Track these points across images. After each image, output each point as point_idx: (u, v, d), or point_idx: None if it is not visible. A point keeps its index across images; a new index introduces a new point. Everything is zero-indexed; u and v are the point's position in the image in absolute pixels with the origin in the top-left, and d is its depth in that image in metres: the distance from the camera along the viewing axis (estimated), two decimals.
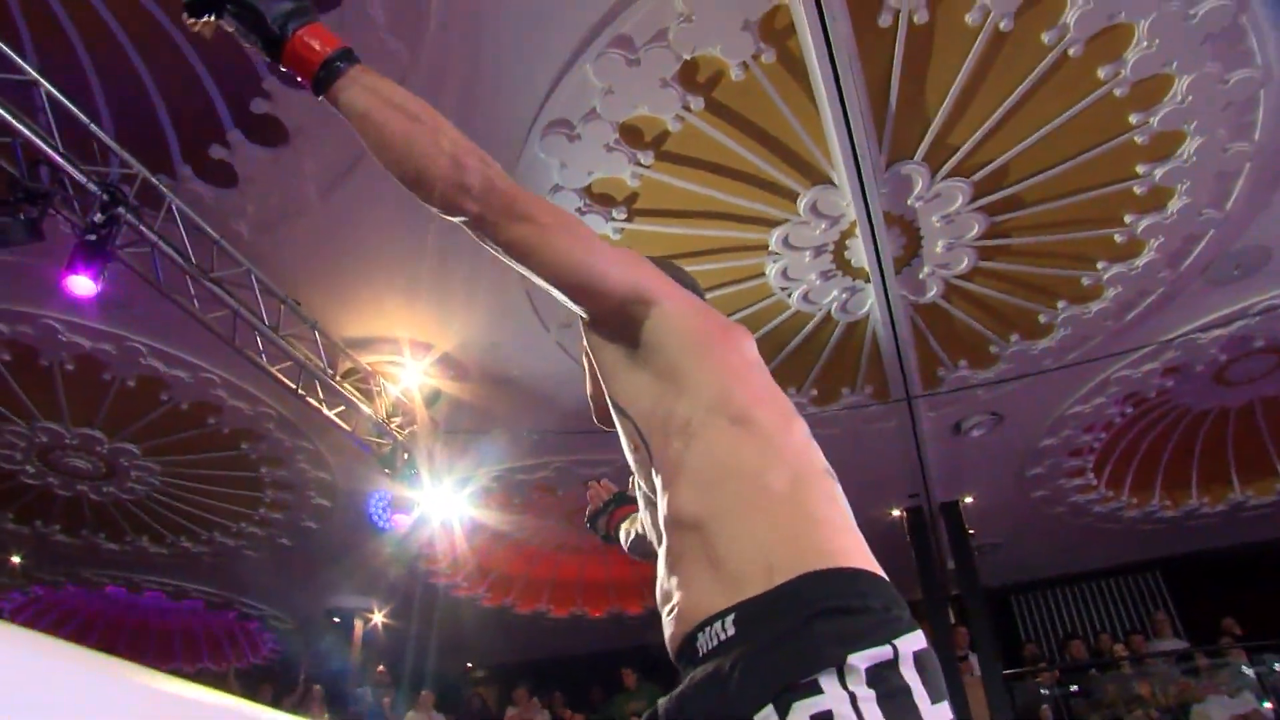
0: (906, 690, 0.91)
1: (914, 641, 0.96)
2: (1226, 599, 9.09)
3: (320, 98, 1.20)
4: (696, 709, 1.02)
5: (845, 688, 0.89)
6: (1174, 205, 5.10)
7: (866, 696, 0.89)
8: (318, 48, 1.18)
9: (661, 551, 1.21)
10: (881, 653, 0.93)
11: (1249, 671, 7.76)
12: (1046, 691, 8.64)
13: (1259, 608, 8.78)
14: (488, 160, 1.18)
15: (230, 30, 1.20)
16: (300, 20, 1.19)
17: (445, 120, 1.19)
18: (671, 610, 1.14)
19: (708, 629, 1.05)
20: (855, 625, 0.95)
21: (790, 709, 0.89)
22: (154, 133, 4.30)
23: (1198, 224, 5.24)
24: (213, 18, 1.19)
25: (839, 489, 1.17)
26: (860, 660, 0.91)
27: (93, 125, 3.92)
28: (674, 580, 1.14)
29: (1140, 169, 4.86)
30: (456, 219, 1.21)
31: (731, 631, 1.02)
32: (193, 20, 1.19)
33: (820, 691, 0.89)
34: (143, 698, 0.33)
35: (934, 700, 0.92)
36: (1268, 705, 7.33)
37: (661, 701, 1.13)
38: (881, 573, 1.06)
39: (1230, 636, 8.24)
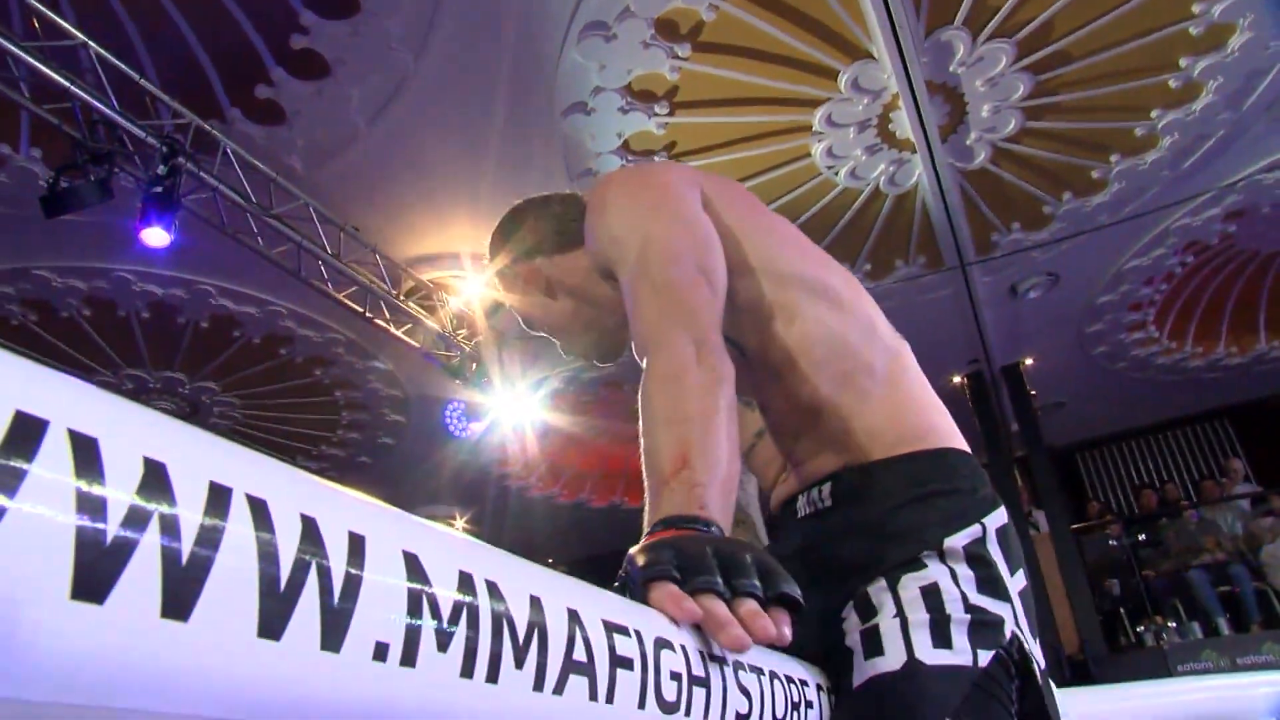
0: (993, 564, 1.03)
1: (998, 518, 1.07)
2: None
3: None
4: (804, 574, 1.11)
5: (945, 563, 1.01)
6: (1235, 41, 4.90)
7: (966, 575, 1.00)
8: None
9: (765, 428, 1.28)
10: (973, 532, 1.04)
11: None
12: (1115, 544, 8.79)
13: None
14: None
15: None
16: None
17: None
18: (781, 476, 1.25)
19: (807, 494, 1.17)
20: (949, 508, 1.05)
21: (899, 581, 1.01)
22: (199, 79, 4.39)
23: (1263, 58, 5.03)
24: None
25: (910, 353, 1.23)
26: (957, 541, 1.02)
27: (141, 79, 4.01)
28: (786, 451, 1.23)
29: (1196, 8, 4.66)
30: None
31: (829, 503, 1.13)
32: None
33: (925, 566, 1.01)
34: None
35: (1012, 571, 1.04)
36: None
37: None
38: (966, 446, 1.15)
39: None
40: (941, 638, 0.95)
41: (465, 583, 0.46)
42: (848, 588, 1.04)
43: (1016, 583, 1.03)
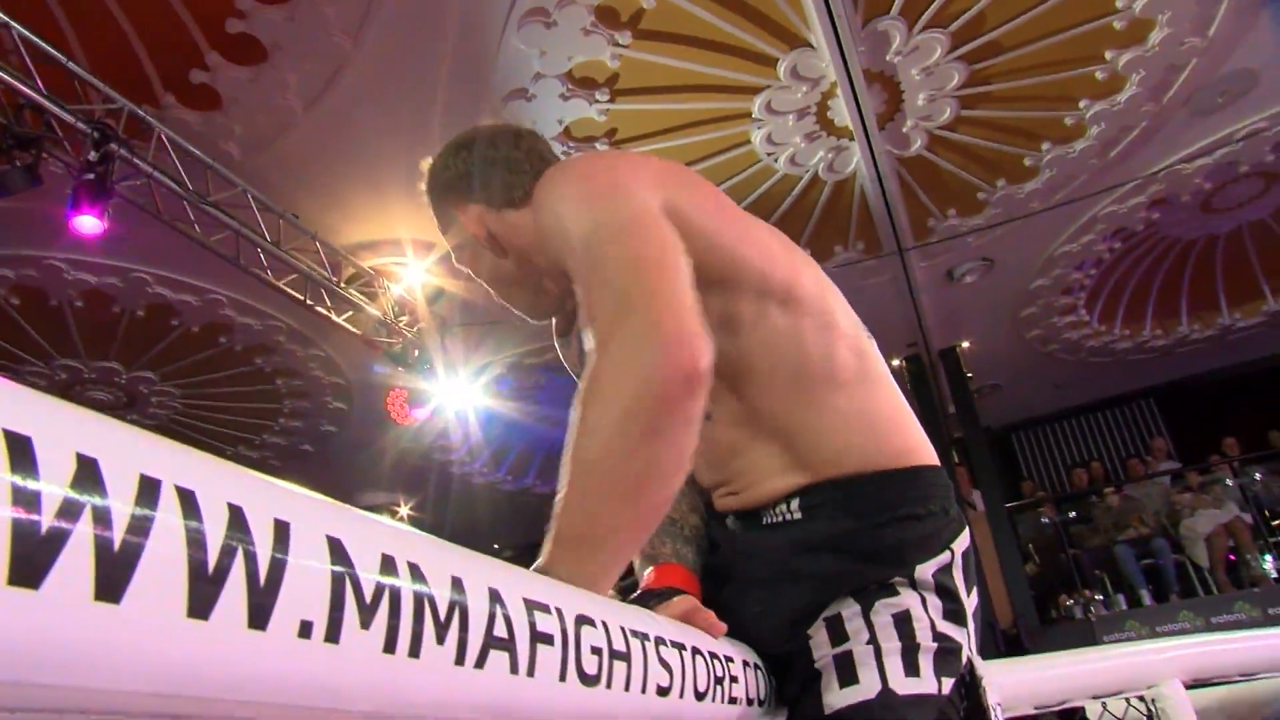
0: (957, 593, 1.05)
1: (963, 542, 1.08)
2: (1218, 419, 9.36)
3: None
4: (773, 579, 1.11)
5: (917, 590, 1.02)
6: (1155, 37, 5.08)
7: (935, 604, 1.02)
8: None
9: (711, 445, 1.11)
10: (943, 559, 1.04)
11: (1231, 483, 8.16)
12: (1047, 521, 9.08)
13: (1249, 425, 9.03)
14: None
15: None
16: None
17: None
18: (731, 491, 1.16)
19: (774, 508, 1.10)
20: (920, 531, 1.04)
21: (873, 607, 1.00)
22: (132, 64, 4.28)
23: (1180, 54, 5.23)
24: None
25: (878, 352, 1.18)
26: (928, 569, 1.03)
27: (70, 63, 3.90)
28: (735, 467, 1.14)
29: (1119, 3, 4.82)
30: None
31: (798, 515, 1.08)
32: None
33: (897, 593, 1.01)
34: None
35: (968, 591, 1.07)
36: (1248, 515, 7.75)
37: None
38: (936, 459, 1.12)
39: (1218, 454, 8.57)
40: (911, 666, 0.97)
41: (388, 564, 0.49)
42: (818, 599, 1.04)
43: (971, 603, 1.06)
